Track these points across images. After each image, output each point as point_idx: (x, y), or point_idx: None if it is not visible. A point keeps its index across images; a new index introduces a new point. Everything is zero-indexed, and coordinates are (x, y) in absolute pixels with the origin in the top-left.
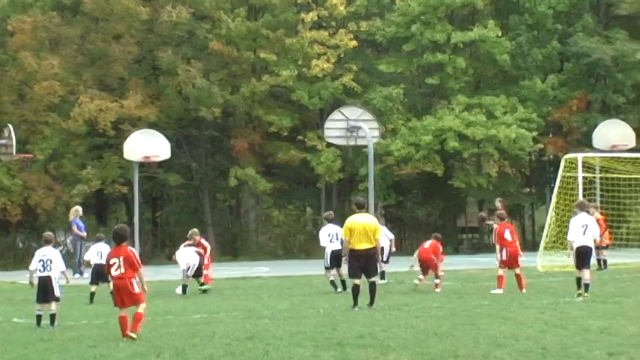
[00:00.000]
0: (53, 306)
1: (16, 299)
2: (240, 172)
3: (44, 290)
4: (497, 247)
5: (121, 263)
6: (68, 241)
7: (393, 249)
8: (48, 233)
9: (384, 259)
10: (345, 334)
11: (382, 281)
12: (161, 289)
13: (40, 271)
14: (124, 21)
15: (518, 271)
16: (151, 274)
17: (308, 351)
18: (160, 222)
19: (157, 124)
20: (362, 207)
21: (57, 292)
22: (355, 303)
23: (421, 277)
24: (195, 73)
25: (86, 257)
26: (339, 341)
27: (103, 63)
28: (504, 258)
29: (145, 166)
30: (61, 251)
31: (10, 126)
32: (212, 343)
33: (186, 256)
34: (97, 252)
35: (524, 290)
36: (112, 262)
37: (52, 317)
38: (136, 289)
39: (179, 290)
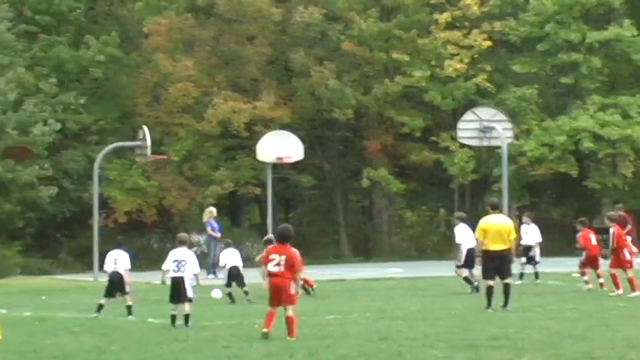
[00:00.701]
0: (187, 307)
1: (151, 299)
2: (372, 173)
3: (177, 291)
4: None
5: (281, 261)
6: (202, 241)
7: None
8: (182, 234)
9: (537, 259)
10: (478, 335)
11: (537, 280)
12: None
13: (174, 271)
14: (256, 22)
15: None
16: None
17: (441, 352)
18: (294, 223)
19: (289, 125)
20: (496, 208)
21: (190, 293)
22: (489, 304)
23: (601, 280)
24: (328, 74)
25: (221, 263)
26: (473, 342)
27: (236, 64)
28: (627, 258)
29: (277, 167)
30: (195, 252)
31: (145, 127)
32: (345, 343)
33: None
34: (230, 256)
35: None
36: (271, 257)
37: (186, 318)
38: (293, 290)
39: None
